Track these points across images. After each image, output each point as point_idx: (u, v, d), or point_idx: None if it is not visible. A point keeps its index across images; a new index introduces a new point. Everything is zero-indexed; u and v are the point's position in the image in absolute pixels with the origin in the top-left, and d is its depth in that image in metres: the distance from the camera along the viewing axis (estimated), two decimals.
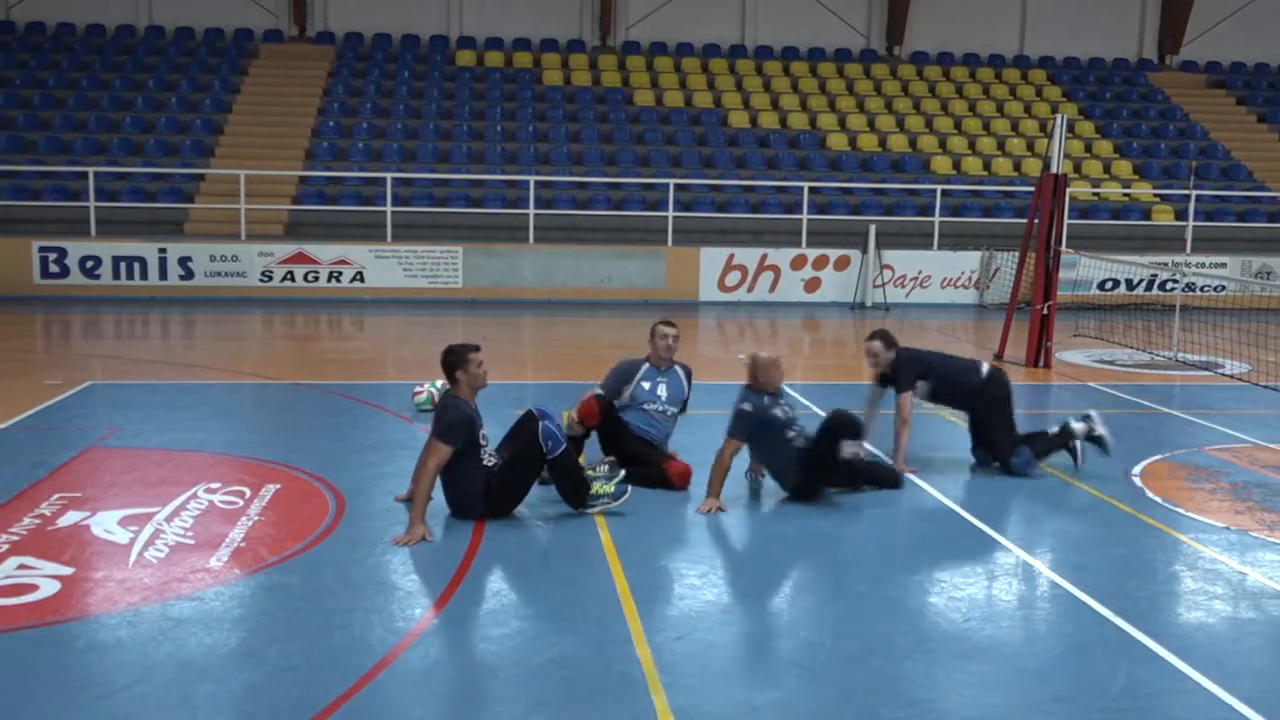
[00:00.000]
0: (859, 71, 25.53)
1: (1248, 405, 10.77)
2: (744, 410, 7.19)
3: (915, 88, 25.18)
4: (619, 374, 7.83)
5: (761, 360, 7.33)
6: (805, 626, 5.33)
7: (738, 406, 7.22)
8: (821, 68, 25.56)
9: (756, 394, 7.26)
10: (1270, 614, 5.57)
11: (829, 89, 24.76)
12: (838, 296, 18.96)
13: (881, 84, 25.12)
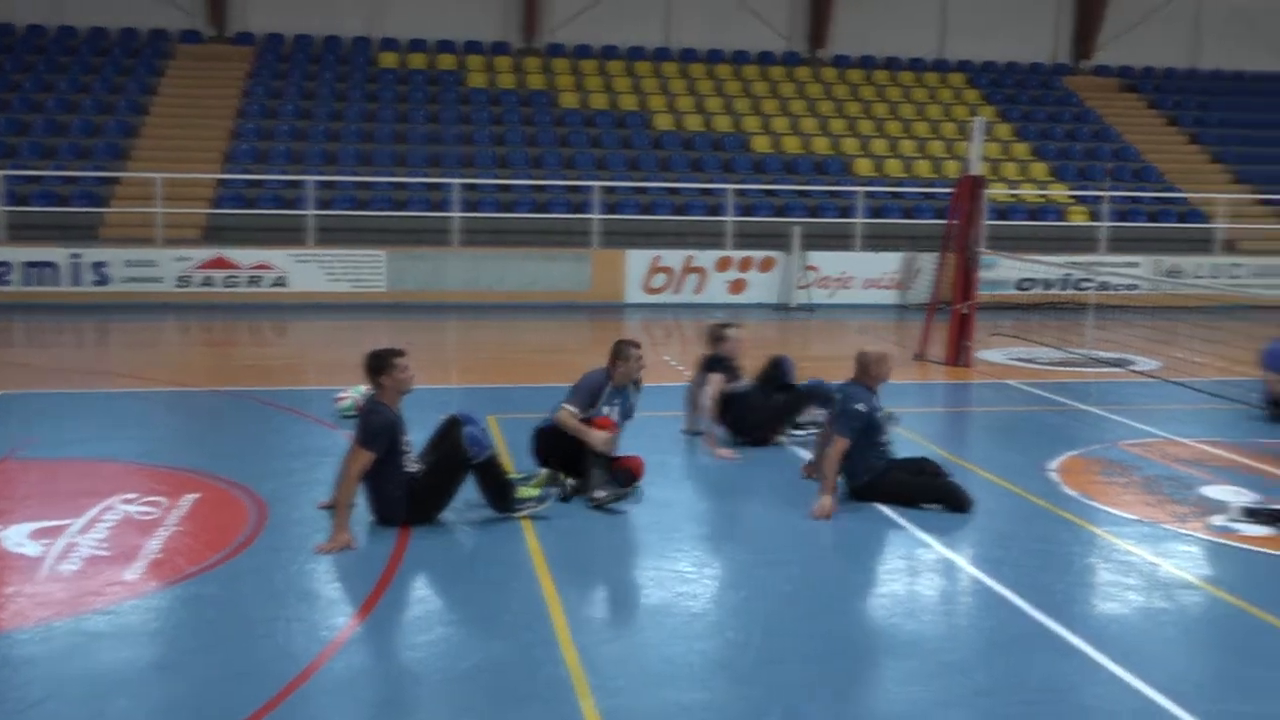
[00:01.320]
0: (782, 74, 25.77)
1: (1159, 401, 11.06)
2: (859, 410, 7.08)
3: (838, 90, 25.48)
4: (590, 391, 7.45)
5: (873, 354, 7.30)
6: (732, 626, 5.36)
7: (850, 405, 7.10)
8: (745, 70, 25.74)
9: (868, 391, 7.23)
10: (1181, 604, 5.73)
11: (753, 91, 24.94)
12: (763, 298, 19.10)
13: (804, 87, 25.38)
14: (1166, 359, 13.47)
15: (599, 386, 7.47)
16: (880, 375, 7.31)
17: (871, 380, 7.30)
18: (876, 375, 7.30)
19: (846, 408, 7.12)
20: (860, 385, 7.28)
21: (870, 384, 7.29)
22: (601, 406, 7.41)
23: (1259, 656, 5.13)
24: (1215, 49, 28.57)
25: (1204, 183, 23.58)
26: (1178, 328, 15.94)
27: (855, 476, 7.24)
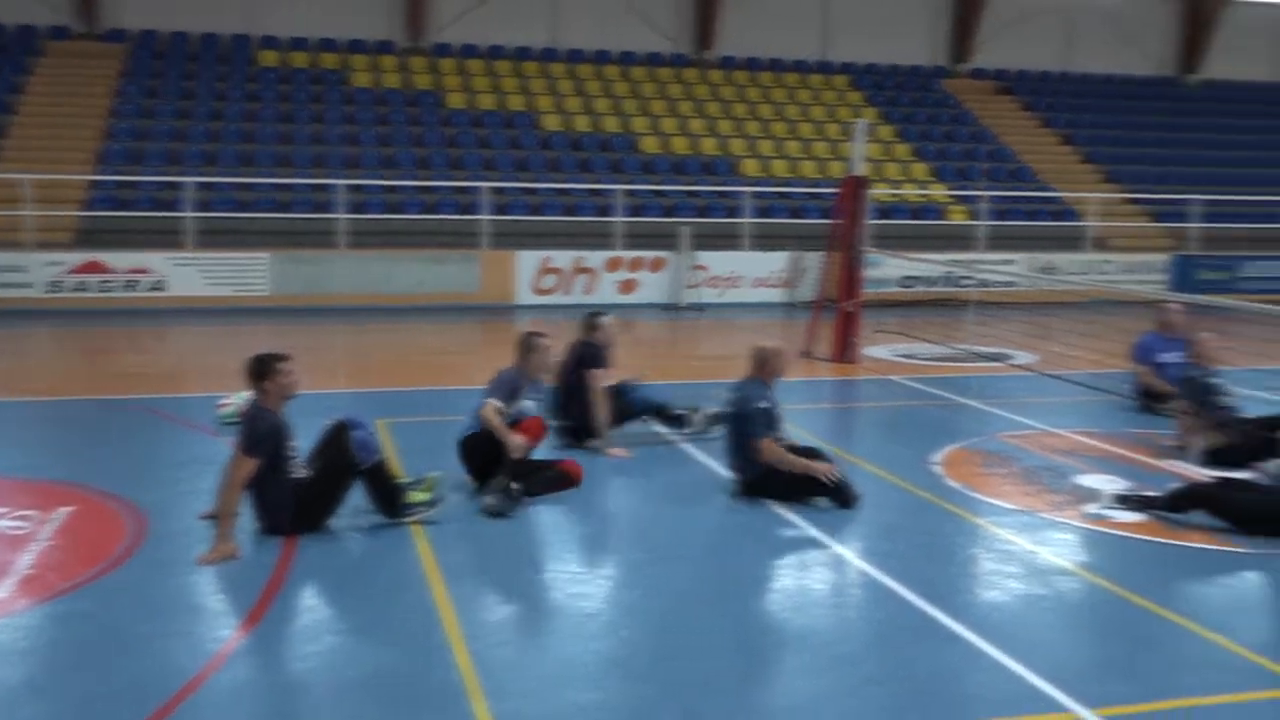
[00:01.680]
0: (670, 75, 25.94)
1: (1036, 394, 11.41)
2: (765, 408, 7.19)
3: (724, 92, 25.75)
4: (509, 388, 7.34)
5: (769, 350, 7.40)
6: (626, 625, 5.37)
7: (755, 405, 7.17)
8: (633, 71, 25.85)
9: (765, 386, 7.33)
10: (1059, 589, 5.91)
11: (641, 93, 25.06)
12: (654, 298, 19.19)
13: (692, 88, 25.58)
14: (1043, 353, 13.91)
15: (516, 384, 7.42)
16: (776, 370, 7.43)
17: (767, 375, 7.41)
18: (772, 370, 7.41)
19: (750, 408, 7.20)
20: (757, 381, 7.37)
21: (766, 379, 7.40)
22: (524, 401, 7.35)
23: (1134, 639, 5.32)
24: (1086, 53, 29.62)
25: (1076, 182, 24.43)
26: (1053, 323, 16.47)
27: (748, 470, 7.31)
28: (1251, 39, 30.68)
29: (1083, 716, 4.41)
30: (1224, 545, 6.57)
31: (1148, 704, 4.54)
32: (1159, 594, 5.82)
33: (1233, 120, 28.70)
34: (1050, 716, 4.43)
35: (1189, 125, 28.11)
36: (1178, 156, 26.51)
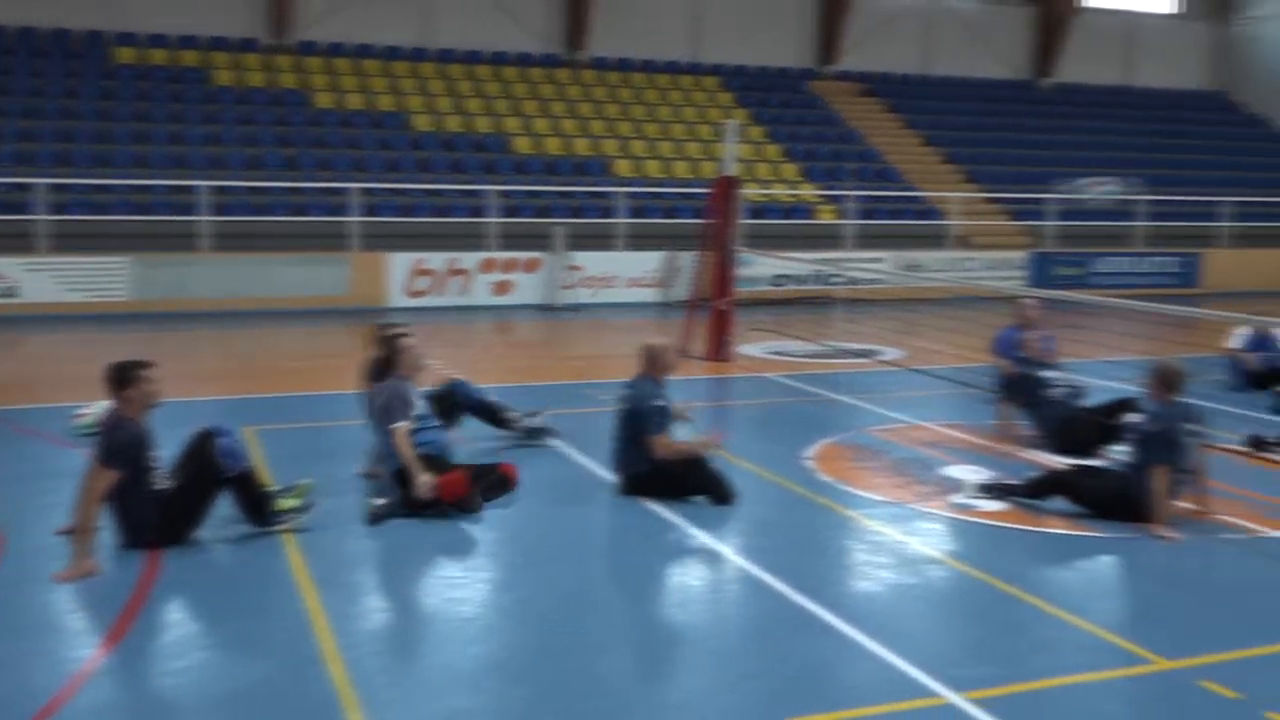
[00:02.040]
0: (542, 76, 25.87)
1: (903, 388, 11.71)
2: (660, 405, 7.24)
3: (597, 93, 25.79)
4: (401, 401, 7.07)
5: (659, 347, 7.43)
6: (505, 628, 5.34)
7: (650, 402, 7.20)
8: (505, 71, 25.70)
9: (658, 383, 7.36)
10: (928, 577, 6.09)
11: (513, 93, 24.93)
12: (529, 299, 19.11)
13: (564, 88, 25.56)
14: (909, 348, 14.28)
15: (405, 394, 7.17)
16: (667, 366, 7.52)
17: (659, 372, 7.48)
18: (664, 367, 7.50)
19: (645, 405, 7.24)
20: (649, 379, 7.44)
21: (658, 376, 7.47)
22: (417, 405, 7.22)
23: (1000, 624, 5.51)
24: (945, 57, 30.50)
25: (939, 182, 25.15)
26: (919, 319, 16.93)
27: (637, 466, 7.35)
28: (1100, 44, 32.00)
29: (951, 700, 4.54)
30: (1080, 530, 6.85)
31: (1012, 685, 4.70)
32: (1021, 579, 6.03)
33: (1084, 122, 29.89)
34: (921, 702, 4.55)
35: (1044, 127, 29.17)
36: (1034, 157, 27.51)
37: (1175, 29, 33.31)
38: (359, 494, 7.19)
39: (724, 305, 13.25)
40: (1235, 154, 29.71)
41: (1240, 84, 33.38)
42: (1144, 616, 5.72)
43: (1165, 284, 23.52)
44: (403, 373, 7.33)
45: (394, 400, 7.13)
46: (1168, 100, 32.30)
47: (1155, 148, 29.13)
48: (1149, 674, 4.86)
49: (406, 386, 7.25)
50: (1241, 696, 4.60)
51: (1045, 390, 9.12)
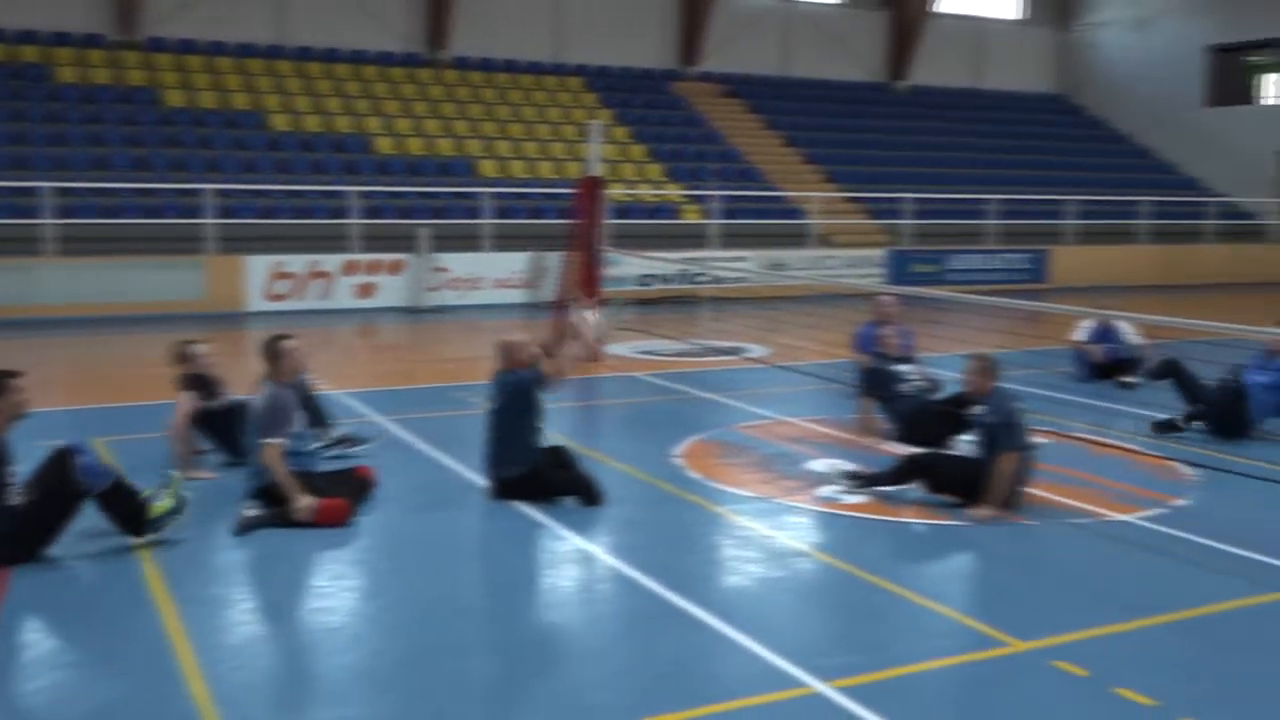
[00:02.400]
0: (403, 75, 25.52)
1: (768, 385, 11.91)
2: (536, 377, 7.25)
3: (460, 92, 25.57)
4: (280, 415, 6.76)
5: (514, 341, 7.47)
6: (373, 636, 5.26)
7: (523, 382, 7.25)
8: (365, 70, 25.28)
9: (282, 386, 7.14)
10: (795, 570, 6.21)
11: (373, 92, 24.53)
12: (394, 301, 18.83)
13: (426, 88, 25.27)
14: (774, 345, 14.54)
15: (286, 405, 6.87)
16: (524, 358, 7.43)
17: (520, 365, 7.40)
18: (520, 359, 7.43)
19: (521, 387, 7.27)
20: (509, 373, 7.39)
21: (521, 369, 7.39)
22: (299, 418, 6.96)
23: (864, 613, 5.65)
24: (804, 59, 31.15)
25: (800, 182, 25.65)
26: (783, 316, 17.24)
27: (503, 467, 7.30)
28: (951, 48, 33.10)
29: (819, 690, 4.64)
30: (939, 520, 7.07)
31: (877, 672, 4.82)
32: (884, 569, 6.20)
33: (937, 124, 30.86)
34: (789, 692, 4.64)
35: (899, 129, 30.02)
36: (890, 158, 28.29)
37: (1020, 34, 34.67)
38: (220, 504, 6.98)
39: (591, 305, 13.27)
40: (1078, 154, 31.08)
41: (1081, 87, 34.94)
42: (999, 600, 5.94)
43: (1016, 280, 24.47)
44: (284, 379, 7.04)
45: (274, 410, 6.83)
46: (1014, 102, 33.60)
47: (1004, 148, 30.27)
48: (1005, 656, 5.05)
49: (287, 395, 6.96)
50: (1090, 674, 4.82)
51: (902, 384, 9.39)
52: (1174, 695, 4.63)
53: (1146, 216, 26.84)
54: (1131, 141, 33.07)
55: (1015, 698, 4.68)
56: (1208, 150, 31.19)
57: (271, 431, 6.76)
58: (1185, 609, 5.63)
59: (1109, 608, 5.65)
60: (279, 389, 6.95)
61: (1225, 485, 8.01)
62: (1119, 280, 24.46)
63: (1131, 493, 7.70)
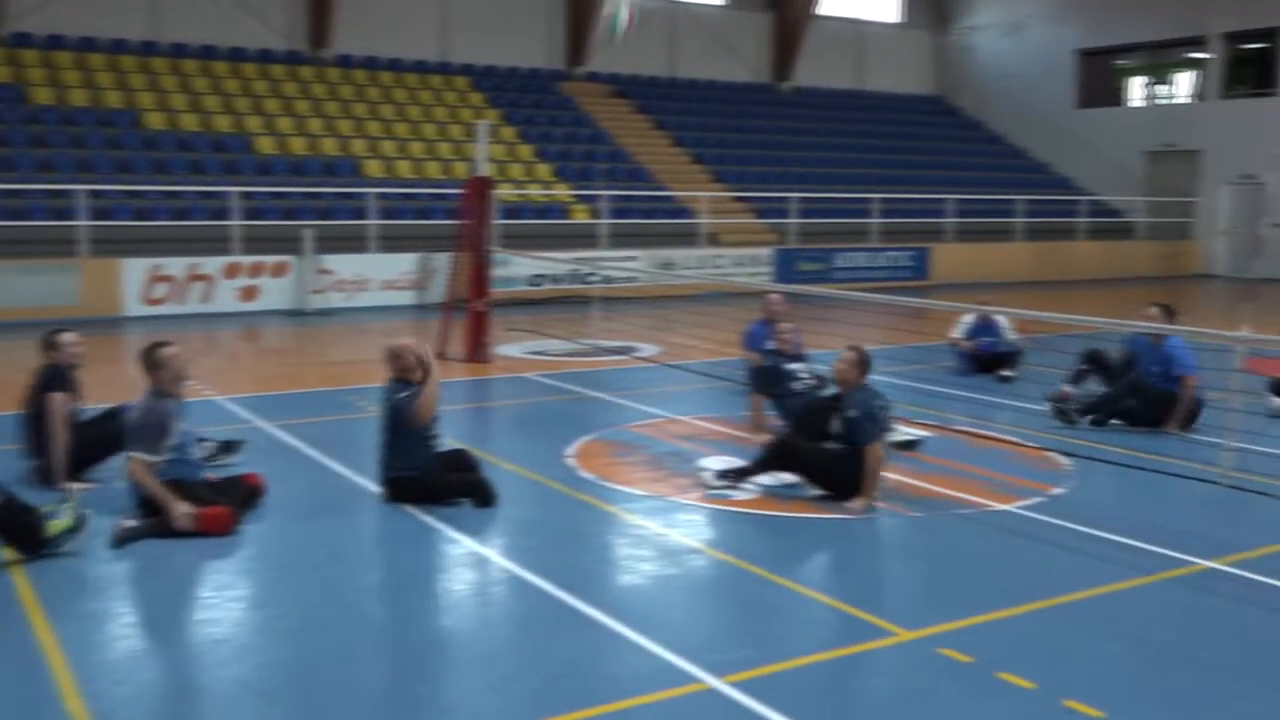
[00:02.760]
0: (284, 73, 24.98)
1: (659, 384, 11.98)
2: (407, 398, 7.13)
3: (343, 91, 25.13)
4: (154, 428, 6.52)
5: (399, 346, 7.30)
6: (259, 647, 5.14)
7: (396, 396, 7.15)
8: (244, 68, 24.68)
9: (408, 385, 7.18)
10: (688, 567, 6.25)
11: (254, 91, 23.97)
12: (278, 304, 18.43)
13: (309, 87, 24.78)
14: (665, 345, 14.62)
15: (163, 413, 6.61)
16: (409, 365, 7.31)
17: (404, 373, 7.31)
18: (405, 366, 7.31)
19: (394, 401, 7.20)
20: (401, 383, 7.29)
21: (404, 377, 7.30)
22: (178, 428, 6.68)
23: (756, 608, 5.71)
24: (690, 60, 31.38)
25: (688, 182, 25.83)
26: (673, 315, 17.34)
27: (394, 470, 7.23)
28: (833, 49, 33.69)
29: (712, 685, 4.68)
30: (827, 514, 7.19)
31: (769, 666, 4.88)
32: (775, 563, 6.28)
33: (821, 124, 31.38)
34: (683, 689, 4.67)
35: (784, 129, 30.44)
36: (775, 158, 28.67)
37: (899, 37, 35.46)
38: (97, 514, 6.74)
39: (481, 306, 13.19)
40: (957, 154, 31.91)
41: (958, 89, 35.89)
42: (886, 591, 6.07)
43: (900, 277, 25.03)
44: (164, 388, 6.78)
45: (148, 422, 6.60)
46: (895, 103, 34.35)
47: (886, 148, 30.91)
48: (892, 645, 5.16)
49: (165, 407, 6.71)
50: (974, 660, 4.95)
51: (793, 382, 9.52)
52: (1053, 678, 4.78)
53: (1022, 215, 27.70)
54: (1007, 142, 34.08)
55: (902, 686, 4.78)
56: (1079, 150, 32.32)
57: (141, 444, 6.56)
58: (1063, 594, 5.82)
59: (991, 595, 5.81)
60: (157, 400, 6.74)
61: (1099, 474, 8.30)
62: (997, 277, 25.19)
63: (1011, 483, 7.94)
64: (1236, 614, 5.66)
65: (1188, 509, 7.50)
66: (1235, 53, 30.27)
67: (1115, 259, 28.53)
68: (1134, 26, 31.20)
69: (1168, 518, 7.25)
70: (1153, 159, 31.33)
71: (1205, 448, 8.68)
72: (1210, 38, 29.91)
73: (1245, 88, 30.02)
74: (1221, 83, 30.22)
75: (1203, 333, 9.83)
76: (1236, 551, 6.49)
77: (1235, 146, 28.74)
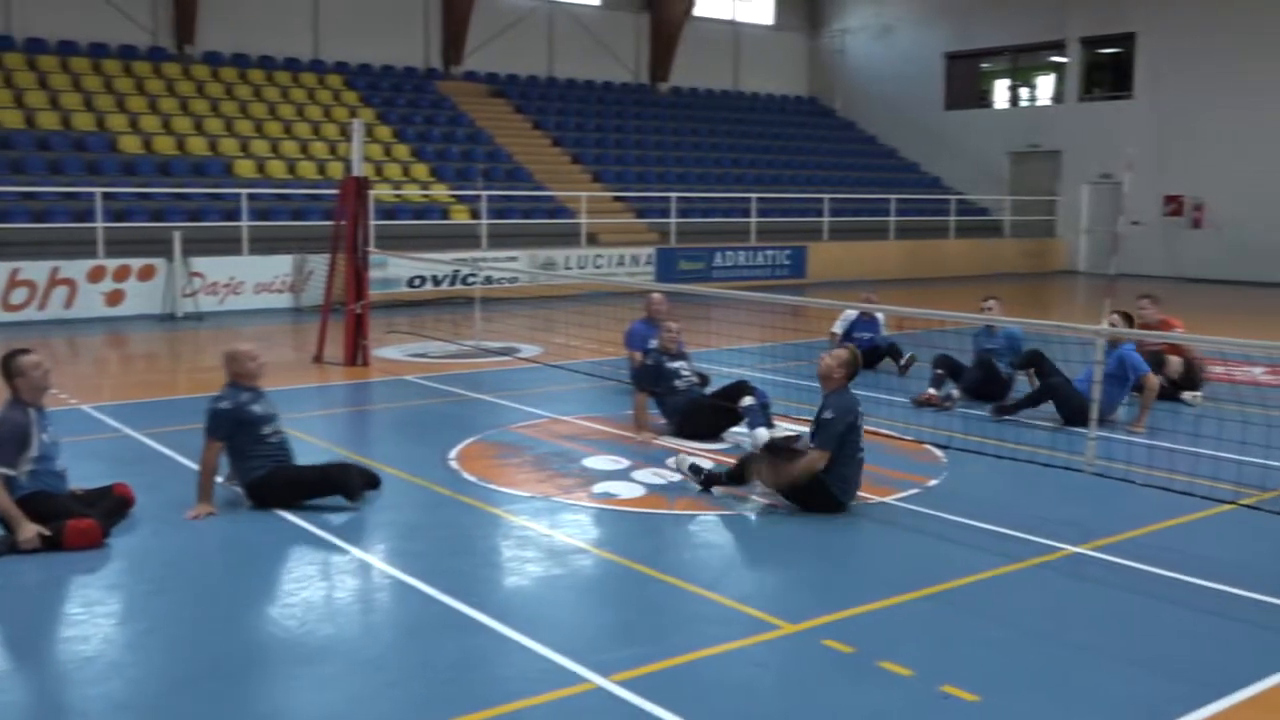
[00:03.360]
0: (149, 70, 24.17)
1: (542, 384, 11.94)
2: (220, 409, 7.05)
3: (211, 89, 24.42)
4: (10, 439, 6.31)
5: (234, 351, 7.23)
6: (131, 664, 4.96)
7: (214, 406, 7.05)
8: (106, 65, 23.81)
9: (241, 389, 7.16)
10: (574, 567, 6.24)
11: (116, 88, 23.14)
12: (146, 308, 17.83)
13: (174, 84, 24.01)
14: (547, 345, 14.58)
15: (21, 425, 6.36)
16: (242, 373, 7.25)
17: (241, 379, 7.26)
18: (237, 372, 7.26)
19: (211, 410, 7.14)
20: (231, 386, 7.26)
21: (241, 381, 7.25)
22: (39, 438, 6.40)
23: (643, 606, 5.73)
24: (568, 60, 31.36)
25: (568, 182, 25.80)
26: (555, 315, 17.30)
27: (245, 474, 7.18)
28: (710, 51, 34.04)
29: (600, 684, 4.68)
30: (710, 510, 7.26)
31: (656, 663, 4.90)
32: (660, 561, 6.31)
33: (698, 124, 31.67)
34: (571, 689, 4.66)
35: (663, 129, 30.64)
36: (654, 158, 28.83)
37: (774, 39, 36.01)
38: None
39: (359, 309, 12.96)
40: (832, 154, 32.55)
41: (831, 91, 36.59)
42: (770, 585, 6.15)
43: (778, 275, 25.41)
44: (23, 398, 6.51)
45: (3, 435, 6.33)
46: (771, 105, 34.87)
47: (763, 149, 31.36)
48: (778, 638, 5.23)
49: (23, 418, 6.43)
50: (855, 650, 5.05)
51: (674, 380, 9.58)
52: (931, 665, 4.91)
53: (895, 214, 28.37)
54: (879, 142, 34.88)
55: (787, 678, 4.85)
56: (947, 151, 33.25)
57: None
58: (941, 583, 5.97)
59: (872, 586, 5.94)
60: (14, 410, 6.47)
61: (972, 465, 8.55)
62: (871, 274, 25.75)
63: (889, 476, 8.12)
64: (1104, 597, 5.89)
65: (1056, 497, 7.77)
66: (1093, 57, 31.52)
67: (983, 256, 29.43)
68: (998, 30, 32.23)
69: (1038, 506, 7.50)
70: (1017, 159, 32.40)
71: (1075, 438, 9.00)
72: (1069, 42, 31.06)
73: (1103, 91, 31.26)
74: (1080, 86, 31.41)
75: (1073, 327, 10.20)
76: (1102, 537, 6.75)
77: (1094, 147, 29.91)
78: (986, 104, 34.40)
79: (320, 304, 14.34)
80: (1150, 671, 4.93)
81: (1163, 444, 9.12)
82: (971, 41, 33.01)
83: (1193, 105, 27.96)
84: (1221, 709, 4.56)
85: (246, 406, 7.15)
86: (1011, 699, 4.63)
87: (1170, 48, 28.40)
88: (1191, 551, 6.53)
